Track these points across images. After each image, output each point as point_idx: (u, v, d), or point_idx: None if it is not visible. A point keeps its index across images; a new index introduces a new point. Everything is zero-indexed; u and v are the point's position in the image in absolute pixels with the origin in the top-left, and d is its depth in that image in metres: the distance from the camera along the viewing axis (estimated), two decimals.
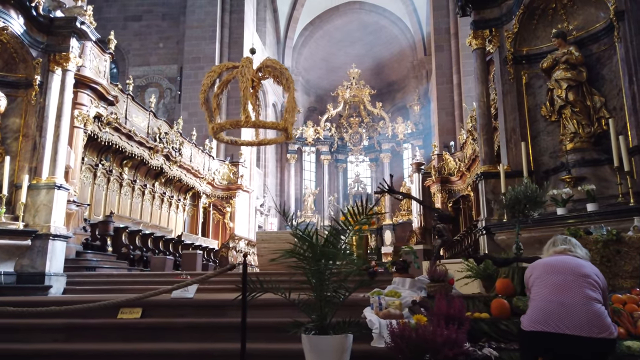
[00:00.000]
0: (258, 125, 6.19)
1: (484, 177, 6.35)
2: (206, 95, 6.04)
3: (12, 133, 7.37)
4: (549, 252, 2.59)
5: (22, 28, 7.27)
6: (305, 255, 2.27)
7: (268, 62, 6.21)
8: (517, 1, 6.45)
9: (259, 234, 8.95)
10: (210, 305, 3.31)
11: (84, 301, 3.69)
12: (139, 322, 3.31)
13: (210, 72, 6.14)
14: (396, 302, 2.88)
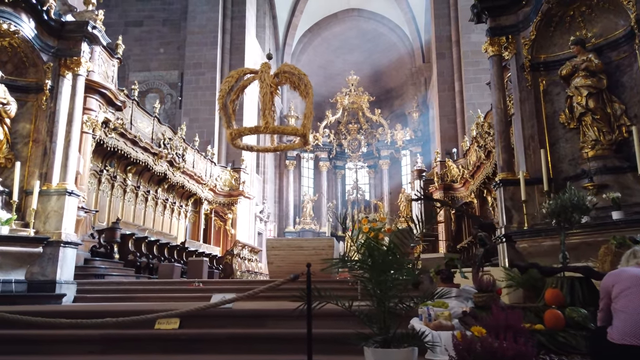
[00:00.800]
0: (277, 131, 6.13)
1: (503, 184, 6.31)
2: (224, 101, 5.97)
3: (22, 138, 7.26)
4: (630, 263, 2.50)
5: (33, 32, 7.18)
6: (366, 265, 2.20)
7: (286, 67, 6.17)
8: (534, 8, 6.45)
9: (269, 241, 8.87)
10: (250, 315, 3.22)
11: (108, 311, 3.60)
12: (177, 333, 3.21)
13: (228, 77, 6.08)
14: (445, 313, 2.81)
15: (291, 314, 2.88)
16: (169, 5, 20.67)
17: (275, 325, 3.24)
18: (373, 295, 2.17)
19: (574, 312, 2.69)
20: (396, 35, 30.16)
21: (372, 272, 2.16)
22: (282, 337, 3.14)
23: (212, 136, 18.50)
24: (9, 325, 3.24)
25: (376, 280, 2.14)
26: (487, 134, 11.83)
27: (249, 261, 13.81)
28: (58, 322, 2.74)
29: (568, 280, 2.94)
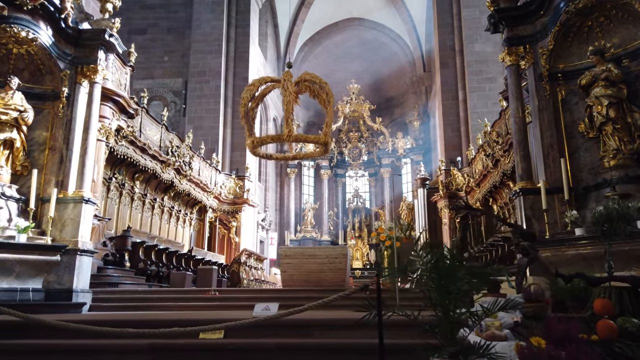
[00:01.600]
0: (299, 140, 6.14)
1: (523, 193, 6.33)
2: (246, 109, 5.97)
3: (38, 145, 7.23)
4: None
5: (51, 40, 7.18)
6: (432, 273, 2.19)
7: (307, 76, 6.18)
8: (552, 19, 6.51)
9: (282, 250, 8.84)
10: (294, 324, 3.20)
11: (145, 320, 3.56)
12: (223, 342, 3.18)
13: (249, 85, 6.09)
14: (496, 323, 2.80)
15: (336, 324, 2.86)
16: (173, 14, 20.72)
17: (321, 335, 3.21)
18: (438, 304, 2.16)
19: (626, 322, 2.68)
20: (397, 44, 30.33)
21: (437, 281, 2.15)
22: (331, 348, 3.11)
23: (216, 144, 18.49)
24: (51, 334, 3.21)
25: (442, 289, 2.13)
26: (495, 142, 11.88)
27: (255, 269, 13.75)
28: (107, 330, 2.70)
29: (616, 290, 2.95)
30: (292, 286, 8.47)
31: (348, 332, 3.21)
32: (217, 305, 6.42)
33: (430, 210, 18.56)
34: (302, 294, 6.94)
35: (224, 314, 4.35)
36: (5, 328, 3.82)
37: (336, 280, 8.49)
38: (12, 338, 3.60)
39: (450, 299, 2.14)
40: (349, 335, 3.18)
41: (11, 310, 3.08)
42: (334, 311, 3.27)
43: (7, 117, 6.76)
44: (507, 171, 11.73)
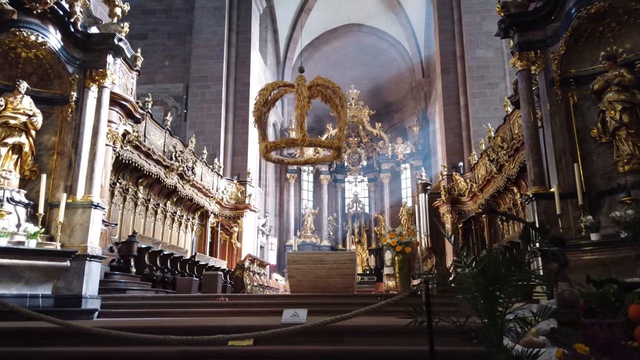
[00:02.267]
0: (313, 144, 6.11)
1: (536, 198, 6.32)
2: (259, 114, 5.94)
3: (47, 150, 7.17)
4: None
5: (60, 44, 7.14)
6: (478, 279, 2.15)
7: (319, 80, 6.17)
8: (564, 24, 6.53)
9: (290, 255, 8.79)
10: (324, 331, 3.14)
11: (169, 327, 3.49)
12: (253, 350, 3.11)
13: (262, 90, 6.08)
14: (533, 330, 2.76)
15: (368, 330, 2.82)
16: (174, 19, 20.72)
17: (353, 342, 3.15)
18: (485, 311, 2.13)
19: None
20: (396, 50, 30.44)
21: (482, 287, 2.12)
22: (366, 356, 3.05)
23: (217, 149, 18.43)
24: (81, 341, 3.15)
25: (489, 296, 2.09)
26: (500, 147, 11.88)
27: (258, 275, 13.67)
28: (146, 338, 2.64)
29: None
30: (301, 292, 8.41)
31: (379, 339, 3.16)
32: (233, 312, 6.36)
33: (432, 215, 18.53)
34: (315, 300, 6.89)
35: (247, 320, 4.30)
36: (40, 335, 3.77)
37: (344, 286, 8.44)
38: (45, 345, 3.55)
39: (499, 305, 2.10)
40: (380, 342, 3.13)
41: (48, 317, 3.03)
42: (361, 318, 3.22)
43: (16, 121, 6.71)
44: (511, 176, 11.73)
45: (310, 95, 6.27)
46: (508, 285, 2.09)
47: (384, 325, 3.05)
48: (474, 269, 2.21)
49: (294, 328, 2.53)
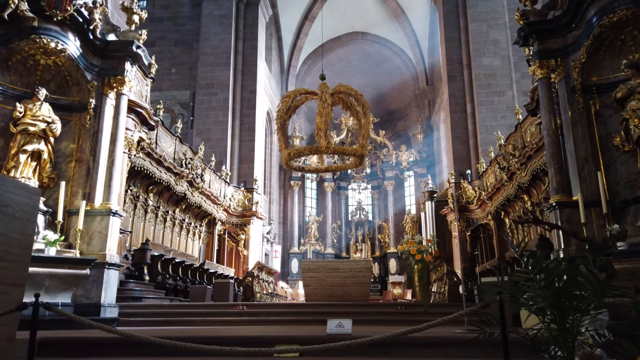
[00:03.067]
0: (337, 152, 6.09)
1: (559, 206, 6.28)
2: (282, 121, 5.92)
3: (65, 157, 7.15)
4: None
5: (79, 51, 7.14)
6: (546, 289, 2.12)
7: (342, 88, 6.16)
8: (585, 32, 6.53)
9: (305, 263, 8.73)
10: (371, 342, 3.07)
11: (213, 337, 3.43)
12: None
13: (285, 97, 6.06)
14: (590, 341, 2.72)
15: (418, 342, 2.77)
16: (181, 27, 20.78)
17: (404, 354, 3.09)
18: (555, 323, 2.08)
19: None
20: (400, 58, 30.55)
21: (557, 298, 2.08)
22: None
23: (224, 156, 18.42)
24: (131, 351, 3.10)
25: (562, 307, 2.05)
26: (511, 155, 11.86)
27: (267, 283, 13.59)
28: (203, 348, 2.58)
29: None
30: (316, 300, 8.35)
31: (429, 351, 3.11)
32: (255, 321, 6.30)
33: (439, 223, 18.47)
34: (333, 309, 6.83)
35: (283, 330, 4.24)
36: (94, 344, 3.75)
37: (360, 295, 8.39)
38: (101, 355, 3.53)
39: (570, 317, 2.06)
40: (431, 354, 3.08)
41: (104, 326, 2.98)
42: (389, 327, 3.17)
43: (35, 128, 6.70)
44: (523, 184, 11.69)
45: (333, 103, 6.25)
46: (582, 297, 2.05)
47: (435, 337, 3.01)
48: (543, 279, 2.17)
49: (365, 340, 2.47)
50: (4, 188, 2.78)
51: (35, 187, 5.80)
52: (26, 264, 3.08)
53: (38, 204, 3.19)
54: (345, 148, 6.53)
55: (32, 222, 3.05)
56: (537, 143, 10.15)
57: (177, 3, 20.87)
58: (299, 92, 6.20)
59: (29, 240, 3.07)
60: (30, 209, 2.99)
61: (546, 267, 2.23)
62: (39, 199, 3.15)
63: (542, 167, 10.43)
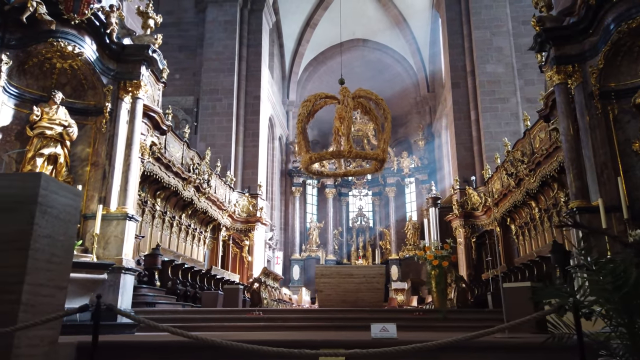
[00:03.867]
0: (359, 156, 6.08)
1: (579, 212, 6.28)
2: (303, 125, 5.91)
3: (80, 161, 7.10)
4: None
5: (95, 54, 7.12)
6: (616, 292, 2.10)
7: (361, 92, 6.17)
8: (602, 38, 6.57)
9: (318, 269, 8.69)
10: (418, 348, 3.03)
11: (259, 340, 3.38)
12: None
13: (305, 101, 6.07)
14: None
15: (467, 345, 2.73)
16: (185, 32, 20.80)
17: (452, 358, 3.07)
18: (623, 327, 2.06)
19: None
20: (401, 65, 30.69)
21: (620, 301, 2.06)
22: None
23: (228, 162, 18.39)
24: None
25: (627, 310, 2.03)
26: (520, 162, 11.88)
27: (273, 289, 13.52)
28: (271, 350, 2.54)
29: None
30: (330, 306, 8.30)
31: (479, 355, 3.07)
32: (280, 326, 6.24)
33: (443, 229, 18.46)
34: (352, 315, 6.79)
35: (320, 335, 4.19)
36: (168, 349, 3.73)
37: (374, 300, 8.36)
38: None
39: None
40: (481, 358, 3.05)
41: (177, 330, 2.94)
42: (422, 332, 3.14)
43: (52, 132, 6.65)
44: (531, 190, 11.71)
45: (354, 107, 6.24)
46: None
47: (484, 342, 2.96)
48: (611, 283, 2.15)
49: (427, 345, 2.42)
50: (49, 189, 2.75)
51: (77, 188, 5.75)
52: (68, 267, 3.04)
53: (80, 205, 3.16)
54: (367, 152, 6.52)
55: (74, 223, 3.02)
56: (548, 149, 10.17)
57: (181, 9, 20.91)
58: (319, 97, 6.20)
59: (71, 242, 3.04)
60: (72, 210, 2.96)
61: (613, 271, 2.20)
62: (80, 200, 3.11)
63: (552, 173, 10.45)
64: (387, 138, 5.98)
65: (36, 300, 2.67)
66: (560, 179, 10.63)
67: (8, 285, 2.56)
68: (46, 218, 2.72)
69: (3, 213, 2.61)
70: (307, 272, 26.89)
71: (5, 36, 6.44)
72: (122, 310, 3.40)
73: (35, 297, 2.67)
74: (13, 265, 2.58)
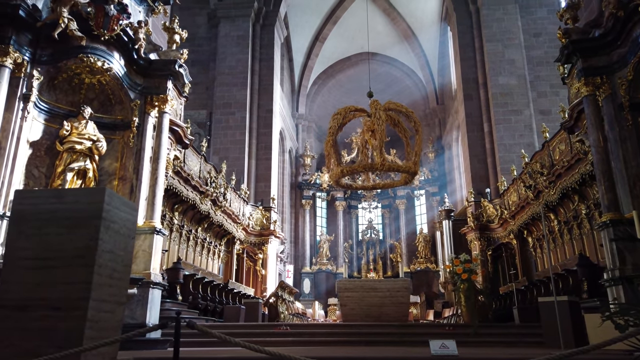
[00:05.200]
0: (392, 169, 6.06)
1: (613, 224, 6.22)
2: (334, 138, 5.91)
3: (108, 175, 7.12)
4: None
5: (123, 70, 7.18)
6: None
7: (392, 105, 6.18)
8: (631, 50, 6.55)
9: (341, 283, 8.62)
10: None
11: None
12: None
13: (336, 114, 6.07)
14: None
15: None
16: (198, 47, 20.97)
17: None
18: None
19: None
20: (410, 79, 30.79)
21: None
22: None
23: (241, 175, 18.40)
24: None
25: None
26: (539, 174, 11.81)
27: (291, 303, 13.42)
28: None
29: None
30: (353, 320, 8.21)
31: None
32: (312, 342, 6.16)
33: (457, 242, 18.35)
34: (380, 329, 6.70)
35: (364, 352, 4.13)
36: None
37: (399, 315, 8.26)
38: None
39: None
40: None
41: (251, 345, 2.91)
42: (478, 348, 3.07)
43: (81, 146, 6.70)
44: (551, 203, 11.62)
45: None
46: None
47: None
48: None
49: None
50: (112, 204, 2.74)
51: (134, 203, 5.75)
52: (127, 282, 3.02)
53: (136, 220, 3.14)
54: (399, 165, 6.50)
55: (132, 238, 3.01)
56: (569, 161, 10.11)
57: (194, 24, 21.12)
58: (349, 110, 6.21)
59: (130, 257, 3.02)
60: (131, 225, 2.95)
61: None
62: (137, 215, 3.10)
63: (573, 185, 10.38)
64: (418, 150, 5.97)
65: (100, 317, 2.65)
66: (581, 191, 10.55)
67: (74, 302, 2.54)
68: (109, 233, 2.71)
69: (69, 229, 2.60)
70: (318, 286, 26.74)
71: (37, 52, 6.51)
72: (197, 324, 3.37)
73: (99, 314, 2.65)
74: (79, 282, 2.56)
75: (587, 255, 9.63)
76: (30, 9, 6.26)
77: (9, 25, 6.12)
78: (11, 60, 6.11)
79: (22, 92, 6.29)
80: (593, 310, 6.46)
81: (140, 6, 7.74)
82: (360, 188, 6.20)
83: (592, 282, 8.00)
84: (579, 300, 6.82)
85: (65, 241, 2.60)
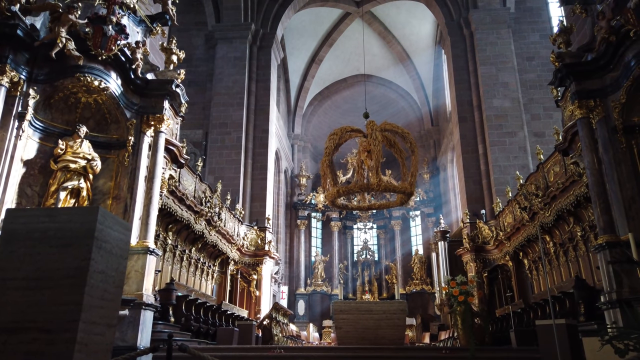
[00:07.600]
0: (388, 189, 6.05)
1: (609, 247, 6.21)
2: (330, 158, 5.91)
3: (102, 195, 7.06)
4: None
5: (119, 89, 7.19)
6: None
7: (388, 126, 6.21)
8: (623, 74, 6.65)
9: (336, 304, 8.52)
10: None
11: None
12: None
13: (332, 134, 6.09)
14: None
15: None
16: (195, 68, 21.13)
17: None
18: None
19: None
20: (405, 101, 31.10)
21: None
22: None
23: (236, 194, 18.35)
24: None
25: None
26: (534, 195, 11.83)
27: (285, 325, 13.23)
28: None
29: None
30: (349, 343, 8.08)
31: None
32: None
33: (452, 263, 18.24)
34: (377, 353, 6.59)
35: None
36: None
37: (394, 338, 8.14)
38: None
39: None
40: None
41: None
42: None
43: (75, 165, 6.65)
44: (546, 224, 11.61)
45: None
46: None
47: None
48: None
49: None
50: (106, 223, 2.69)
51: (127, 223, 5.69)
52: (118, 304, 2.96)
53: (130, 240, 3.09)
54: (395, 185, 6.50)
55: (125, 258, 2.95)
56: (564, 183, 10.14)
57: (192, 46, 21.33)
58: (345, 130, 6.24)
59: (122, 277, 2.96)
60: (124, 245, 2.90)
61: None
62: (130, 234, 3.05)
63: (568, 207, 10.39)
64: (414, 171, 5.98)
65: (89, 340, 2.58)
66: (577, 212, 10.56)
67: (64, 324, 2.47)
68: (101, 253, 2.66)
69: (60, 248, 2.55)
70: (313, 307, 26.44)
71: (33, 71, 6.53)
72: (189, 348, 3.29)
73: (89, 336, 2.57)
74: (69, 303, 2.50)
75: (583, 277, 9.59)
76: (28, 28, 6.29)
77: (7, 45, 6.13)
78: (7, 79, 6.12)
79: (18, 110, 6.28)
80: (591, 333, 6.40)
81: (138, 27, 7.80)
82: (356, 208, 6.18)
83: (589, 304, 7.94)
84: (577, 323, 6.76)
85: (57, 261, 2.54)
